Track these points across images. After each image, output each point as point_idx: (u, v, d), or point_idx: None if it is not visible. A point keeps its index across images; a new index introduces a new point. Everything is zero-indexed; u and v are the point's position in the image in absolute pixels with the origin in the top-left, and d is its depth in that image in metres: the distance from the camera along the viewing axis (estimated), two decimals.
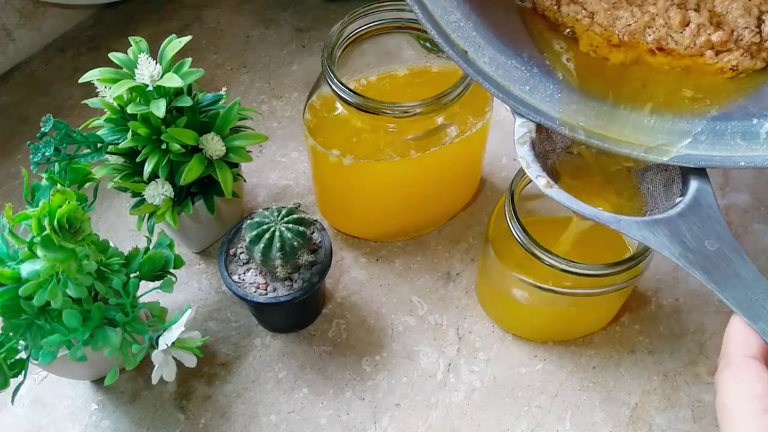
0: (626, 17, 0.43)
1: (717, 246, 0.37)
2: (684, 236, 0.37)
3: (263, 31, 0.78)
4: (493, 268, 0.51)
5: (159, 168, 0.49)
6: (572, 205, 0.39)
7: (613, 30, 0.43)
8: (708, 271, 0.36)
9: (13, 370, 0.44)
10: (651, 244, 0.37)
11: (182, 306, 0.47)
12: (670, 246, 0.37)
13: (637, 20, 0.43)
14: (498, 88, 0.42)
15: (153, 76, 0.47)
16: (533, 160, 0.40)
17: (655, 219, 0.38)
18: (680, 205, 0.39)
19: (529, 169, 0.40)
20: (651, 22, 0.43)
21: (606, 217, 0.38)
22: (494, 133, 0.58)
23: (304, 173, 0.66)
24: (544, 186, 0.39)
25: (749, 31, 0.42)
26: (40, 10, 0.73)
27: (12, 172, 0.66)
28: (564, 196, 0.39)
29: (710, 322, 0.56)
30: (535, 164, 0.40)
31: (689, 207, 0.38)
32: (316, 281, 0.50)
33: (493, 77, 0.42)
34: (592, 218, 0.38)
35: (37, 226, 0.40)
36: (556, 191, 0.39)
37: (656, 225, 0.38)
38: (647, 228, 0.38)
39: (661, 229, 0.37)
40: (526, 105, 0.41)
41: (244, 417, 0.52)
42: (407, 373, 0.54)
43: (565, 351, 0.55)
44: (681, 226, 0.38)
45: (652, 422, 0.52)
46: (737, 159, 0.39)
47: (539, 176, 0.39)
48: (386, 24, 0.53)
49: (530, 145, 0.41)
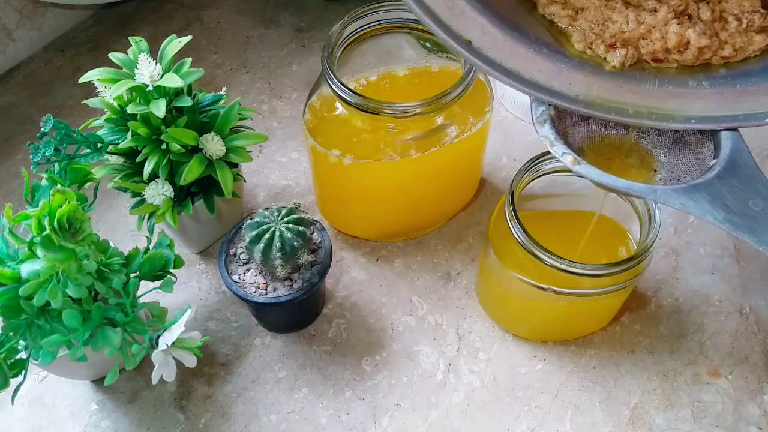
0: (620, 23, 0.41)
1: (762, 205, 0.35)
2: (726, 199, 0.36)
3: (263, 31, 0.78)
4: (493, 268, 0.51)
5: (159, 168, 0.49)
6: (604, 179, 0.37)
7: (603, 35, 0.41)
8: (756, 233, 0.35)
9: (13, 370, 0.44)
10: (692, 210, 0.36)
11: (182, 306, 0.47)
12: (713, 211, 0.35)
13: (633, 30, 0.41)
14: (508, 75, 0.40)
15: (153, 76, 0.47)
16: (556, 137, 0.39)
17: (692, 184, 0.36)
18: (716, 168, 0.37)
19: (553, 147, 0.38)
20: (647, 35, 0.41)
21: (641, 188, 0.37)
22: (494, 133, 0.58)
23: (304, 173, 0.66)
24: (571, 163, 0.38)
25: (759, 15, 0.40)
26: (40, 10, 0.73)
27: (12, 172, 0.66)
28: (594, 171, 0.37)
29: (710, 322, 0.56)
30: (559, 142, 0.38)
31: (726, 169, 0.37)
32: (316, 281, 0.50)
33: (501, 63, 0.40)
34: (626, 191, 0.37)
35: (37, 226, 0.40)
36: (585, 167, 0.37)
37: (695, 191, 0.36)
38: (686, 195, 0.36)
39: (701, 195, 0.36)
40: (540, 87, 0.40)
41: (244, 417, 0.52)
42: (407, 373, 0.54)
43: (565, 351, 0.55)
44: (721, 189, 0.36)
45: (652, 422, 0.52)
46: (762, 116, 0.38)
47: (565, 153, 0.38)
48: (386, 24, 0.53)
49: (551, 123, 0.39)
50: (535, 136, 0.67)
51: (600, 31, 0.41)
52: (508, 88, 0.68)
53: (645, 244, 0.46)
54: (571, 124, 0.42)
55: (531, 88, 0.40)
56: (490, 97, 0.53)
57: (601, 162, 0.40)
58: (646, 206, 0.48)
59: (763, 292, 0.58)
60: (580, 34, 0.42)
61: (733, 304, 0.57)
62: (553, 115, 0.40)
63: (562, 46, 0.41)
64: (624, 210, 0.51)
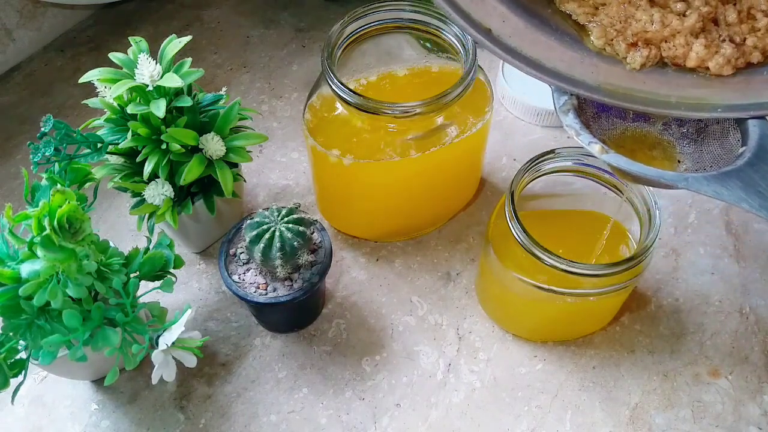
0: (644, 21, 0.40)
1: None
2: (759, 186, 0.35)
3: (263, 31, 0.78)
4: (493, 268, 0.51)
5: (159, 168, 0.49)
6: (633, 168, 0.36)
7: (625, 32, 0.40)
8: None
9: (13, 370, 0.44)
10: (725, 198, 0.35)
11: (182, 306, 0.47)
12: (747, 198, 0.35)
13: (657, 31, 0.40)
14: (528, 64, 0.39)
15: (153, 76, 0.47)
16: (581, 127, 0.38)
17: (723, 172, 0.36)
18: (747, 155, 0.36)
19: (579, 136, 0.38)
20: (670, 38, 0.40)
21: (672, 177, 0.36)
22: (494, 133, 0.58)
23: (304, 173, 0.66)
24: (599, 152, 0.37)
25: None
26: (40, 10, 0.73)
27: (12, 172, 0.66)
28: (623, 160, 0.36)
29: (710, 322, 0.56)
30: (584, 131, 0.38)
31: (757, 156, 0.36)
32: (316, 281, 0.50)
33: (521, 52, 0.39)
34: (657, 180, 0.36)
35: (37, 226, 0.40)
36: (613, 156, 0.37)
37: (727, 178, 0.35)
38: (718, 182, 0.35)
39: (733, 182, 0.35)
40: (561, 77, 0.39)
41: (244, 417, 0.52)
42: (407, 373, 0.54)
43: (565, 351, 0.55)
44: (753, 176, 0.35)
45: (652, 422, 0.52)
46: None
47: (592, 142, 0.37)
48: (386, 24, 0.53)
49: (575, 112, 0.38)
50: (535, 137, 0.68)
51: (622, 28, 0.41)
52: (508, 88, 0.68)
53: (645, 244, 0.46)
54: (592, 115, 0.41)
55: (552, 77, 0.39)
56: (490, 97, 0.53)
57: (623, 154, 0.39)
58: (646, 206, 0.48)
59: (763, 292, 0.58)
60: (600, 30, 0.41)
61: (733, 304, 0.57)
62: (575, 105, 0.39)
63: (582, 40, 0.41)
64: (624, 210, 0.51)
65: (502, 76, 0.69)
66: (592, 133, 0.40)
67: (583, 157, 0.49)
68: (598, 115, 0.42)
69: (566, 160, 0.50)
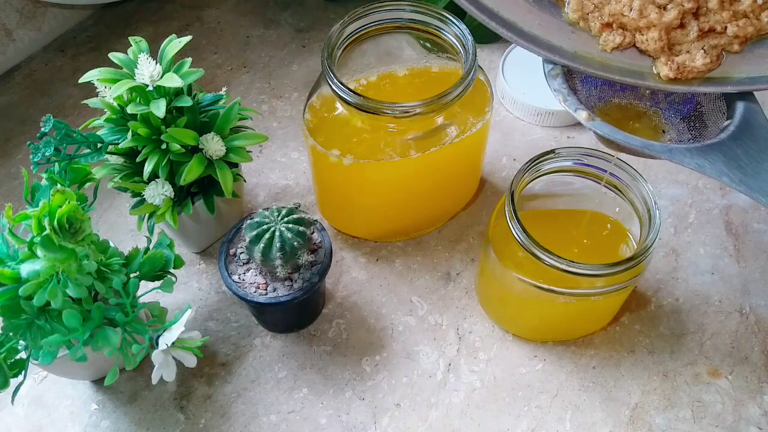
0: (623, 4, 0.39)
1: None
2: (741, 160, 0.35)
3: (263, 31, 0.78)
4: (493, 268, 0.51)
5: (159, 168, 0.49)
6: (618, 136, 0.36)
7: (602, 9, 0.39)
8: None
9: (13, 370, 0.44)
10: (707, 171, 0.35)
11: (182, 306, 0.47)
12: (728, 172, 0.35)
13: (632, 20, 0.39)
14: (505, 26, 0.38)
15: (153, 76, 0.47)
16: (569, 92, 0.37)
17: (707, 144, 0.36)
18: (730, 128, 0.36)
19: (566, 102, 0.37)
20: (645, 30, 0.39)
21: (657, 147, 0.36)
22: (494, 133, 0.58)
23: (304, 173, 0.66)
24: (585, 119, 0.37)
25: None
26: (40, 10, 0.73)
27: (12, 172, 0.66)
28: (608, 128, 0.36)
29: (710, 322, 0.56)
30: (572, 96, 0.37)
31: (740, 129, 0.36)
32: (316, 281, 0.50)
33: (498, 13, 0.39)
34: (642, 149, 0.36)
35: (37, 226, 0.40)
36: (599, 123, 0.36)
37: (710, 151, 0.35)
38: (701, 155, 0.35)
39: (716, 155, 0.35)
40: (538, 41, 0.38)
41: (244, 417, 0.52)
42: (407, 373, 0.54)
43: (565, 351, 0.55)
44: (736, 150, 0.35)
45: (652, 422, 0.52)
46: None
47: (578, 109, 0.37)
48: (386, 24, 0.53)
49: (563, 77, 0.38)
50: (535, 137, 0.68)
51: (600, 3, 0.40)
52: (508, 88, 0.68)
53: (645, 244, 0.46)
54: (579, 82, 0.41)
55: (528, 42, 0.38)
56: (490, 97, 0.53)
57: (609, 123, 0.39)
58: (646, 206, 0.48)
59: (763, 292, 0.58)
60: (577, 2, 0.40)
61: (733, 304, 0.57)
62: (564, 71, 0.38)
63: (560, 8, 0.40)
64: (624, 210, 0.51)
65: (502, 76, 0.69)
66: (580, 100, 0.39)
67: (583, 157, 0.49)
68: (585, 83, 0.41)
69: (566, 160, 0.50)
